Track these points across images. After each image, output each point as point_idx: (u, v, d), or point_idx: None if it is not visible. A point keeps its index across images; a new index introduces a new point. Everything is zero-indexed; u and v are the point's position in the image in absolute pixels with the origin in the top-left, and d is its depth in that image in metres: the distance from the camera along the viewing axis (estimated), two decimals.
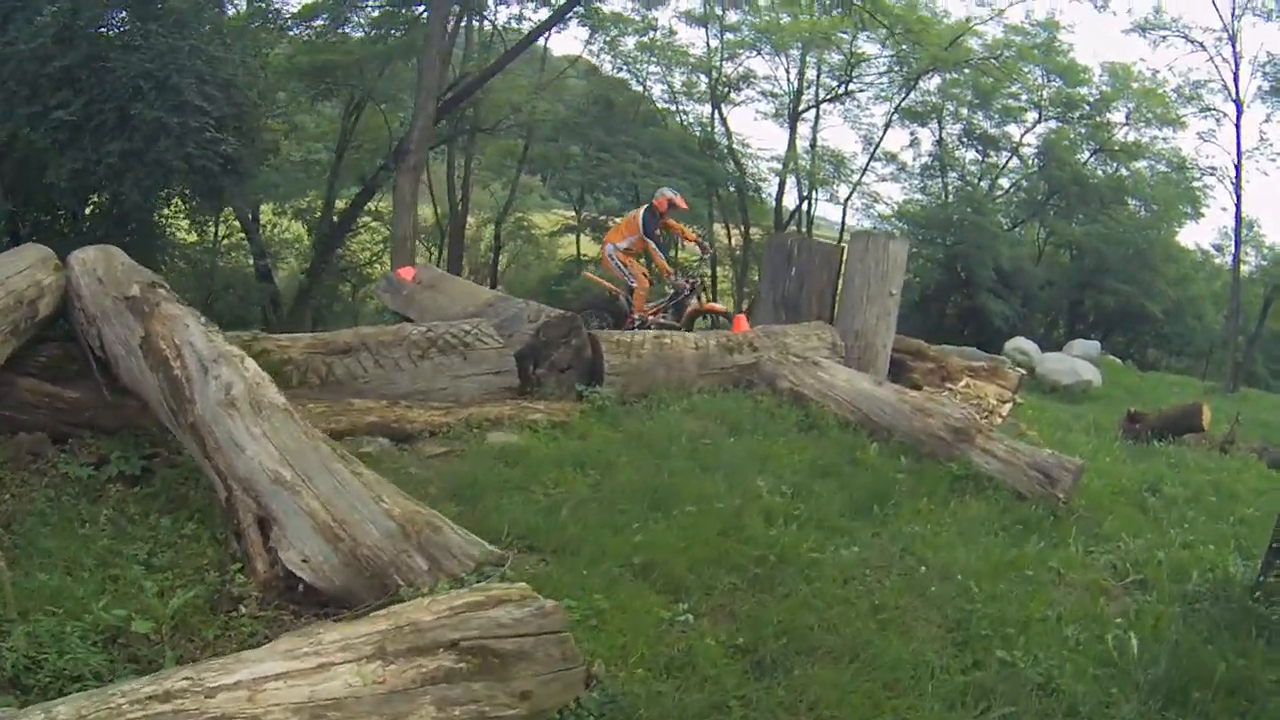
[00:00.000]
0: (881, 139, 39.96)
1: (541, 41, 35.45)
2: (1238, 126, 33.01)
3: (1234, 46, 32.42)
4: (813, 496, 8.27)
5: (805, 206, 39.30)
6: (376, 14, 29.28)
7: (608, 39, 36.00)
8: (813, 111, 39.24)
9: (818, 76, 39.04)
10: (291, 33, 28.91)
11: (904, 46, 35.33)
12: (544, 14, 31.77)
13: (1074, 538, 8.34)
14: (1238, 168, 33.26)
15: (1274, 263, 38.35)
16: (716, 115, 38.37)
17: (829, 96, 39.03)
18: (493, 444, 8.30)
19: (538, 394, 10.08)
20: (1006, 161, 42.07)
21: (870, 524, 7.97)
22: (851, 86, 38.71)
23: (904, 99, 38.78)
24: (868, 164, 40.18)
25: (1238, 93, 32.74)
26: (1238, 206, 33.88)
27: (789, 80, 38.43)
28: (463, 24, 31.40)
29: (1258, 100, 33.61)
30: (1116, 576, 7.82)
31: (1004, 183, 42.92)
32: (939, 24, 36.23)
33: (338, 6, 28.64)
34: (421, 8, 28.13)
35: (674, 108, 38.93)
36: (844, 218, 39.54)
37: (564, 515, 6.86)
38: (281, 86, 27.06)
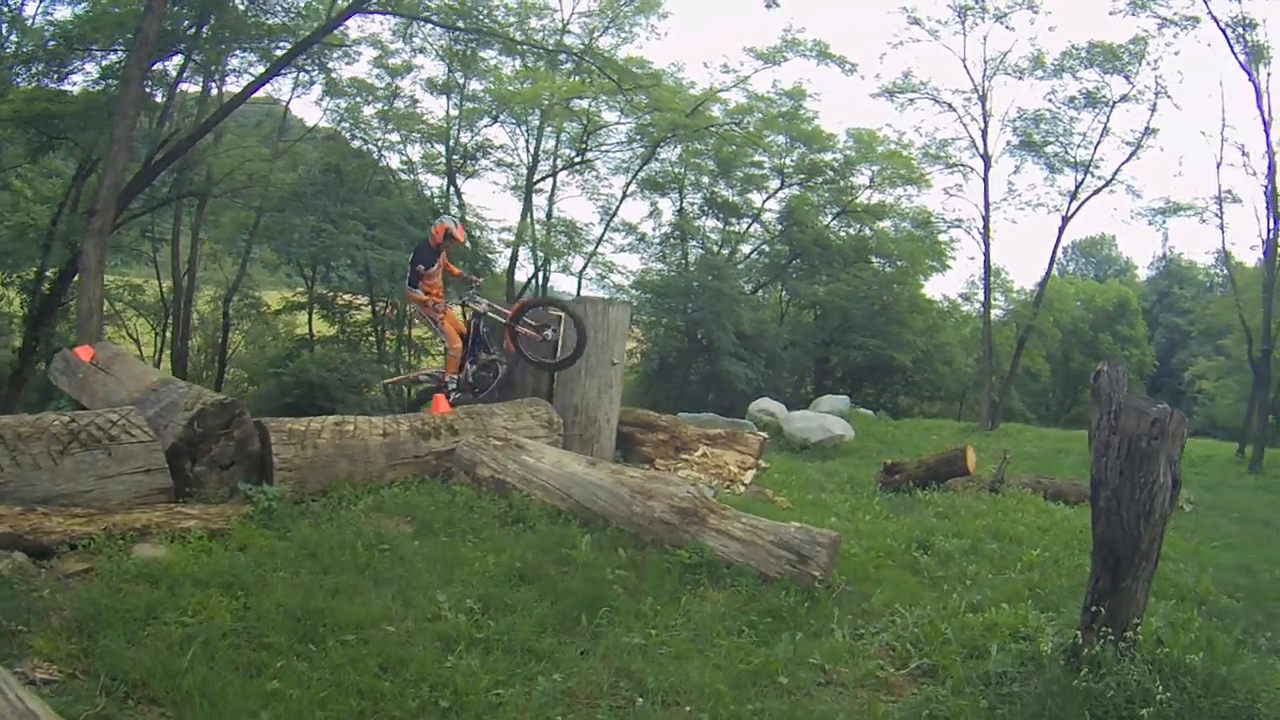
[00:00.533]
0: (618, 208, 39.02)
1: (283, 106, 34.19)
2: (985, 180, 33.53)
3: (984, 105, 33.08)
4: (506, 611, 6.58)
5: (539, 279, 37.71)
6: (103, 63, 26.13)
7: (348, 106, 34.17)
8: (549, 182, 38.11)
9: (555, 146, 38.02)
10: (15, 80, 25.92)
11: (644, 115, 34.68)
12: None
13: (838, 621, 6.93)
14: (985, 219, 33.67)
15: (1024, 305, 38.73)
16: (451, 187, 36.76)
17: (566, 165, 37.75)
18: (137, 559, 6.91)
19: (197, 496, 8.45)
20: (748, 227, 41.59)
21: (578, 640, 6.35)
22: (590, 156, 37.65)
23: (643, 168, 37.87)
24: (604, 233, 39.05)
25: (986, 148, 33.37)
26: (986, 255, 34.16)
27: (527, 150, 37.26)
28: (188, 83, 29.36)
29: (1006, 154, 34.30)
30: (897, 662, 6.44)
31: (745, 248, 42.54)
32: (682, 93, 35.85)
33: (58, 50, 25.41)
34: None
35: (411, 177, 37.49)
36: (579, 290, 37.85)
37: (191, 656, 5.45)
38: None
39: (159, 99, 27.36)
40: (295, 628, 5.99)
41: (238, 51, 27.49)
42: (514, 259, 36.66)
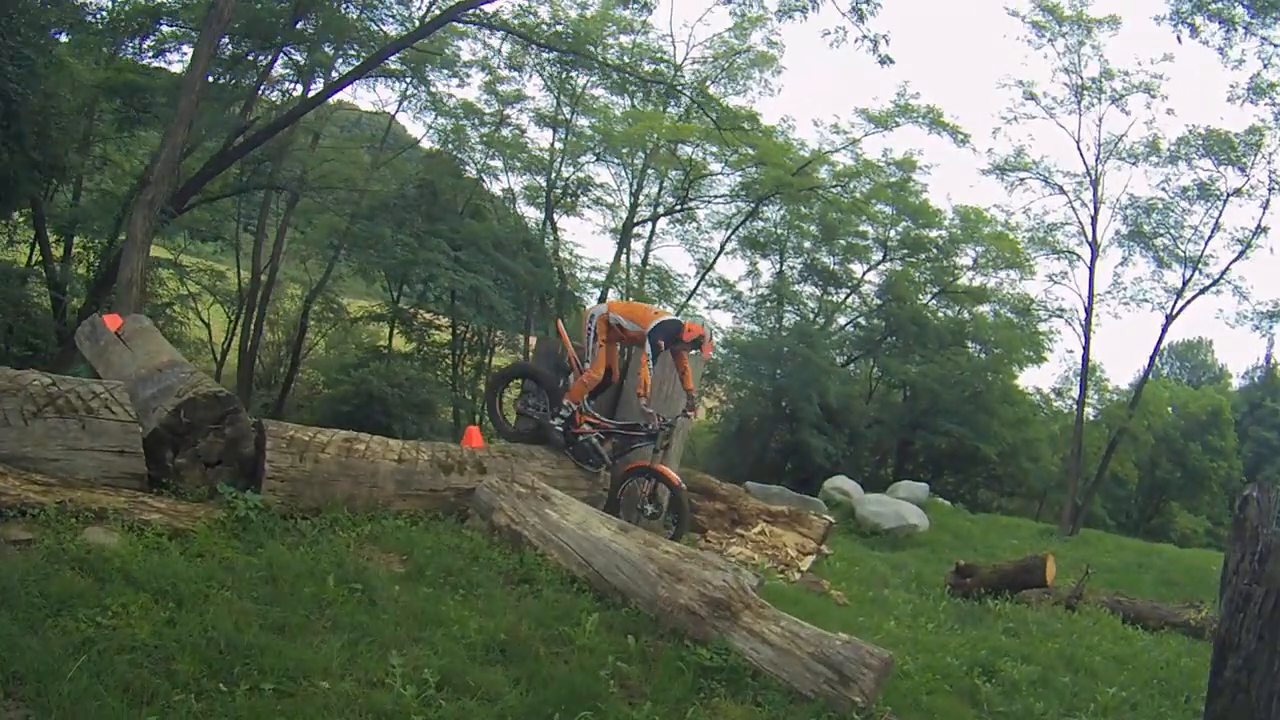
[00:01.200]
0: (715, 261, 38.40)
1: (389, 116, 33.82)
2: (1091, 269, 32.17)
3: (1095, 190, 31.76)
4: (466, 693, 5.34)
5: None
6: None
7: (453, 126, 33.70)
8: (648, 228, 37.41)
9: (658, 193, 37.22)
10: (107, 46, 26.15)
11: (750, 168, 33.96)
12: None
13: None
14: (1088, 310, 32.23)
15: (1117, 405, 37.49)
16: (549, 221, 36.15)
17: (667, 212, 36.99)
18: (83, 543, 6.09)
19: (173, 489, 7.54)
20: (846, 297, 40.48)
21: None
22: (692, 205, 36.92)
23: (745, 223, 37.00)
24: (697, 286, 38.24)
25: (1094, 236, 32.02)
26: (1086, 349, 32.63)
27: (629, 191, 36.41)
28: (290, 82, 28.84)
29: (1114, 244, 32.82)
30: None
31: (841, 319, 41.42)
32: (790, 153, 34.90)
33: (143, 22, 25.44)
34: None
35: (509, 205, 36.84)
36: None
37: (82, 662, 4.67)
38: (80, 98, 24.57)
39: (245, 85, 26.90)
40: (214, 660, 5.03)
41: (344, 54, 26.86)
42: (603, 299, 35.88)
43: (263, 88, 27.73)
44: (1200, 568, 21.82)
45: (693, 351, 10.22)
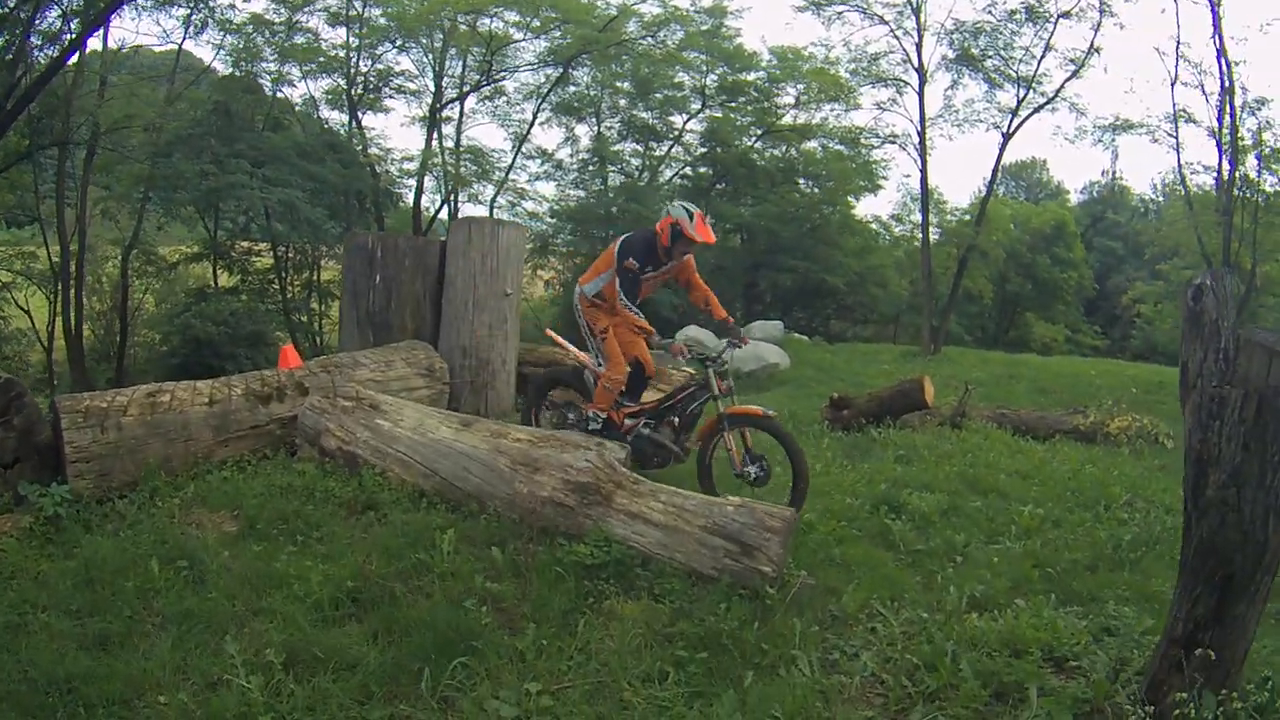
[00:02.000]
0: (529, 132, 36.48)
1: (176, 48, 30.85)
2: (920, 94, 31.20)
3: (917, 18, 30.67)
4: (318, 666, 4.40)
5: (447, 210, 34.89)
6: None
7: (244, 44, 31.13)
8: (456, 109, 35.47)
9: (463, 71, 35.12)
10: None
11: (554, 31, 32.34)
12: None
13: (801, 642, 4.85)
14: (921, 134, 31.43)
15: (963, 224, 37.06)
16: (354, 121, 34.12)
17: (472, 89, 34.97)
18: None
19: None
20: (669, 150, 39.09)
21: (419, 713, 4.19)
22: (500, 80, 35.05)
23: (554, 89, 35.28)
24: (514, 160, 36.44)
25: (920, 62, 31.03)
26: (923, 173, 31.87)
27: (432, 75, 34.39)
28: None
29: (941, 69, 31.90)
30: (890, 711, 4.42)
31: (667, 172, 40.06)
32: (595, 11, 33.06)
33: None
34: None
35: (311, 113, 34.63)
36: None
37: None
38: None
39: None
40: (38, 704, 4.09)
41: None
42: (419, 190, 34.23)
43: (38, 43, 24.95)
44: (1070, 373, 21.99)
45: (682, 252, 7.95)
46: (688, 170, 39.73)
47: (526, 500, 5.92)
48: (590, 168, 37.67)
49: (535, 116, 36.04)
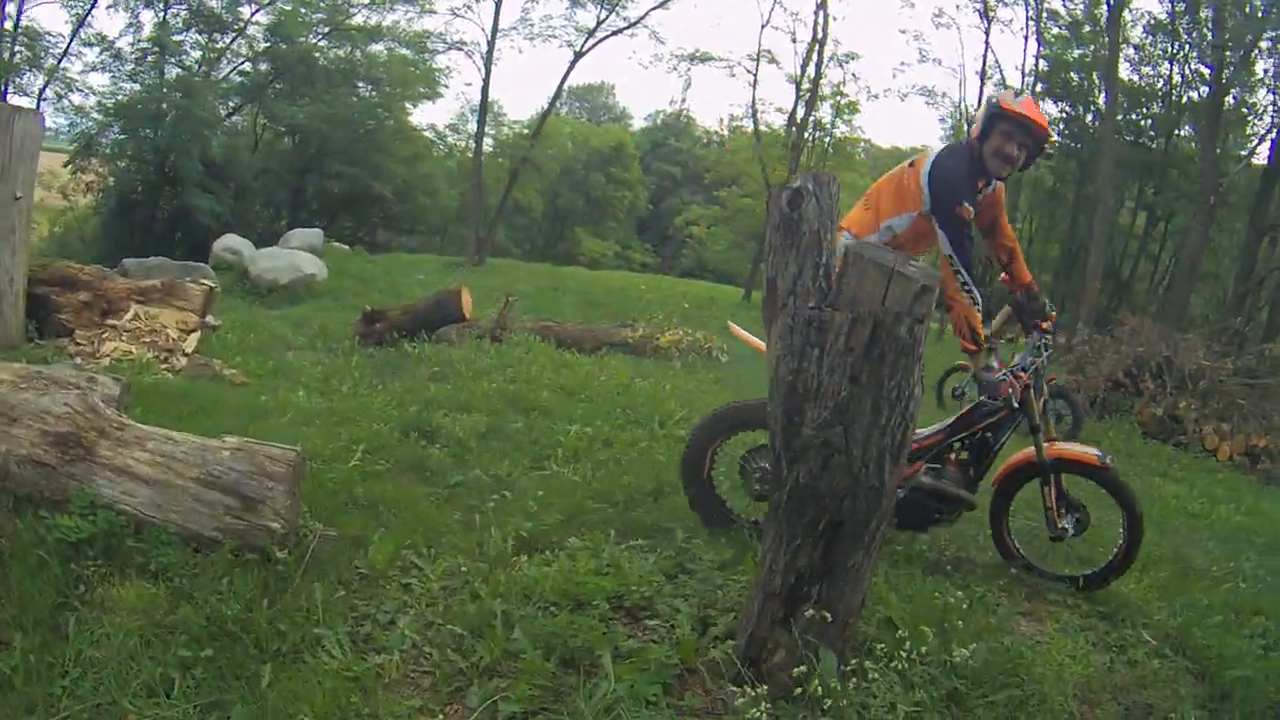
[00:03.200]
0: (88, 14, 31.81)
1: None
2: (497, 4, 31.41)
3: None
4: None
5: None
6: None
7: None
8: None
9: None
10: None
11: None
12: None
13: (326, 617, 3.89)
14: (490, 43, 31.53)
15: (519, 137, 37.33)
16: None
17: None
18: None
19: None
20: (231, 41, 35.57)
21: None
22: None
23: None
24: (69, 45, 31.81)
25: None
26: (485, 82, 32.04)
27: None
28: None
29: None
30: (441, 692, 3.59)
31: (226, 66, 36.52)
32: None
33: None
34: None
35: None
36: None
37: None
38: None
39: None
40: None
41: None
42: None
43: None
44: (619, 288, 22.24)
45: (1006, 167, 5.32)
46: (247, 66, 36.72)
47: (3, 461, 4.48)
48: (149, 58, 33.49)
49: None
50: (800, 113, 29.27)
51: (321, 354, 10.34)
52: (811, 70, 29.18)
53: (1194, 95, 30.97)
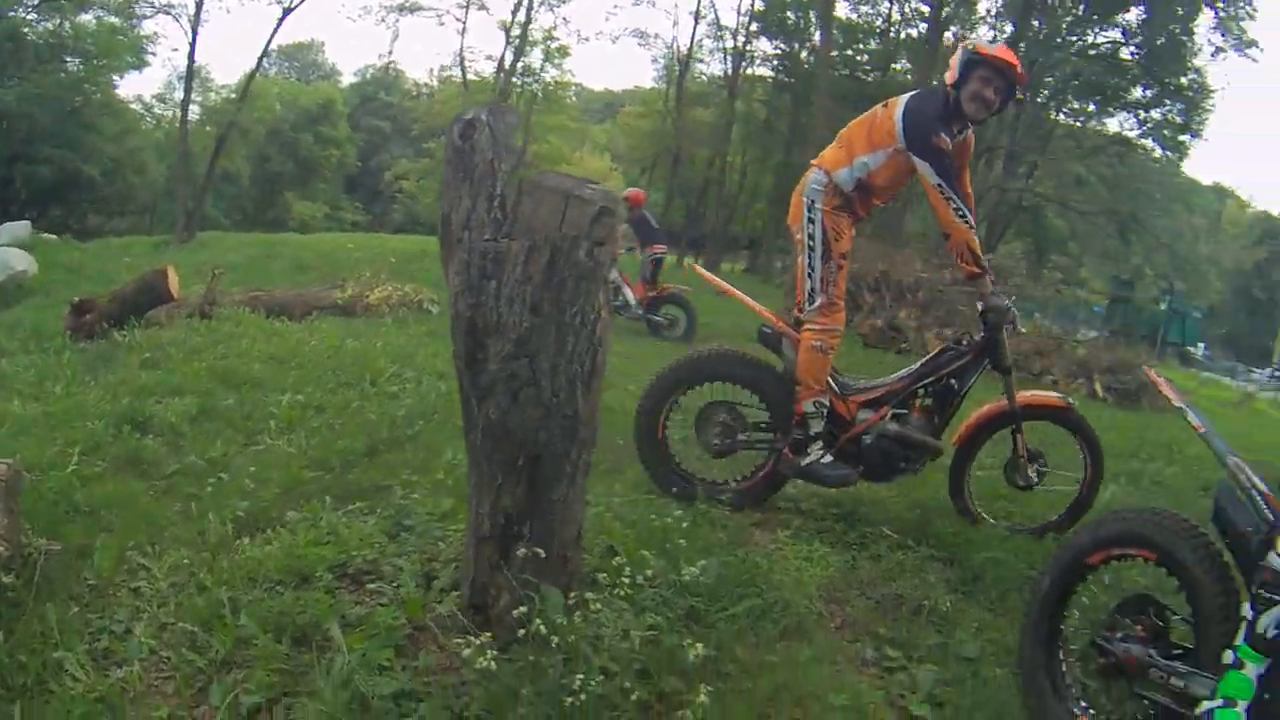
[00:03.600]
0: None
1: None
2: None
3: None
4: None
5: None
6: None
7: None
8: None
9: None
10: None
11: None
12: None
13: (62, 637, 3.52)
14: (199, 5, 30.15)
15: (226, 102, 35.79)
16: None
17: None
18: None
19: None
20: None
21: None
22: None
23: None
24: None
25: None
26: (192, 45, 30.45)
27: None
28: None
29: None
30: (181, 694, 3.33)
31: None
32: None
33: None
34: None
35: None
36: None
37: None
38: None
39: None
40: None
41: None
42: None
43: None
44: (329, 249, 21.46)
45: (983, 111, 5.25)
46: None
47: None
48: None
49: None
50: (509, 59, 29.20)
51: (35, 355, 9.47)
52: (522, 15, 29.14)
53: (913, 33, 32.58)
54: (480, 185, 3.02)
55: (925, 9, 30.02)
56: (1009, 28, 30.69)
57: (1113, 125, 33.01)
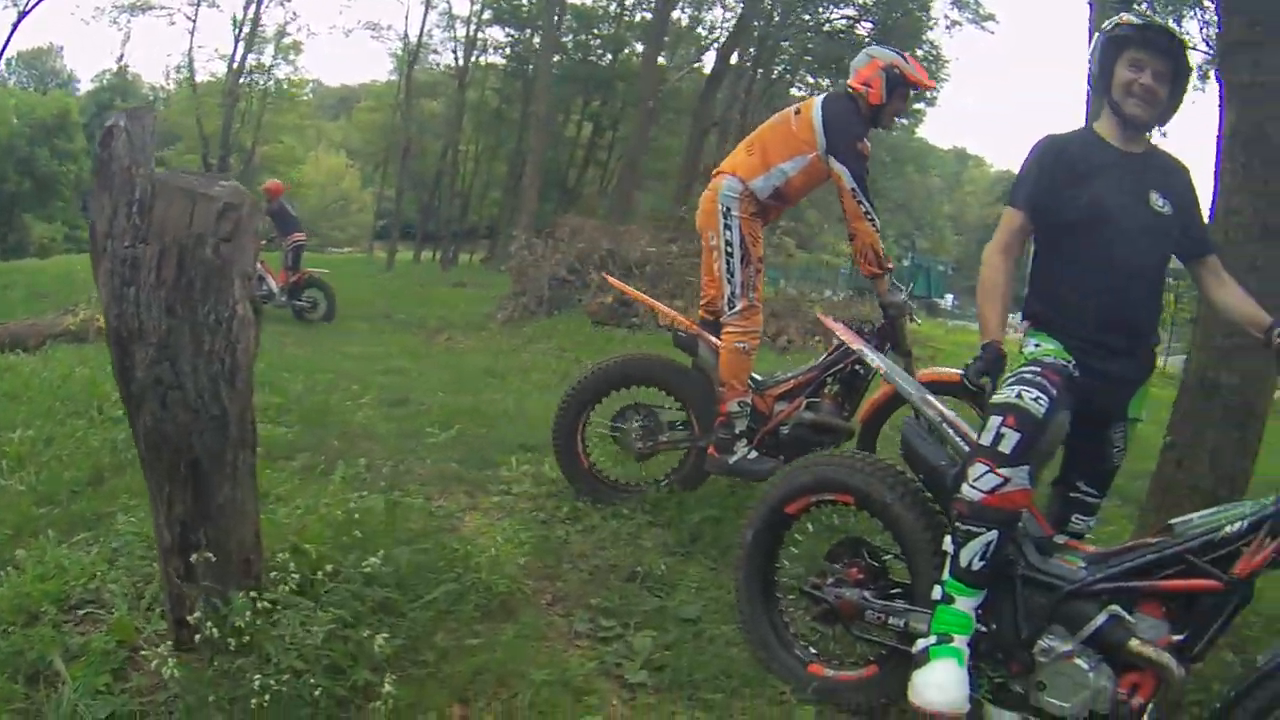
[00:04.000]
0: None
1: None
2: None
3: None
4: None
5: None
6: None
7: None
8: None
9: None
10: None
11: None
12: None
13: None
14: None
15: None
16: None
17: None
18: None
19: None
20: None
21: None
22: None
23: None
24: None
25: None
26: None
27: None
28: None
29: None
30: None
31: None
32: None
33: None
34: None
35: None
36: None
37: None
38: None
39: None
40: None
41: None
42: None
43: None
44: (66, 274, 20.28)
45: (892, 114, 5.66)
46: None
47: None
48: None
49: None
50: (240, 56, 28.34)
51: None
52: (252, 11, 28.27)
53: (646, 15, 33.12)
54: (120, 192, 2.95)
55: None
56: (739, 6, 31.58)
57: None
